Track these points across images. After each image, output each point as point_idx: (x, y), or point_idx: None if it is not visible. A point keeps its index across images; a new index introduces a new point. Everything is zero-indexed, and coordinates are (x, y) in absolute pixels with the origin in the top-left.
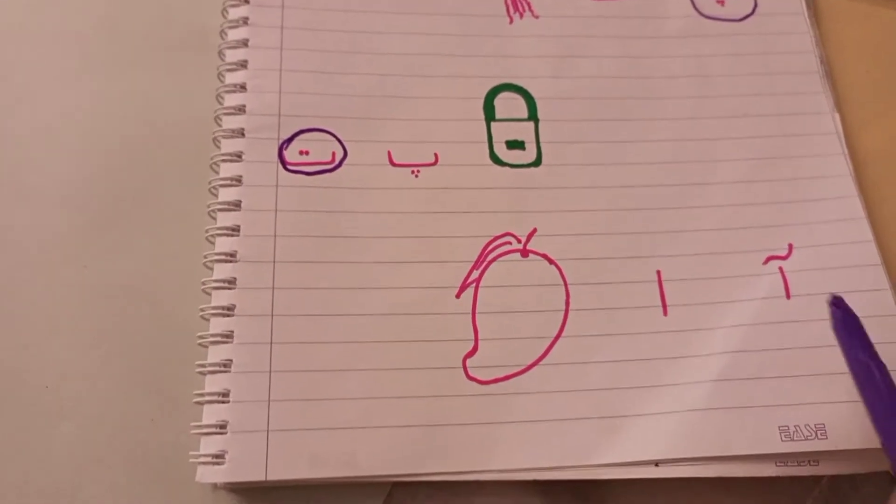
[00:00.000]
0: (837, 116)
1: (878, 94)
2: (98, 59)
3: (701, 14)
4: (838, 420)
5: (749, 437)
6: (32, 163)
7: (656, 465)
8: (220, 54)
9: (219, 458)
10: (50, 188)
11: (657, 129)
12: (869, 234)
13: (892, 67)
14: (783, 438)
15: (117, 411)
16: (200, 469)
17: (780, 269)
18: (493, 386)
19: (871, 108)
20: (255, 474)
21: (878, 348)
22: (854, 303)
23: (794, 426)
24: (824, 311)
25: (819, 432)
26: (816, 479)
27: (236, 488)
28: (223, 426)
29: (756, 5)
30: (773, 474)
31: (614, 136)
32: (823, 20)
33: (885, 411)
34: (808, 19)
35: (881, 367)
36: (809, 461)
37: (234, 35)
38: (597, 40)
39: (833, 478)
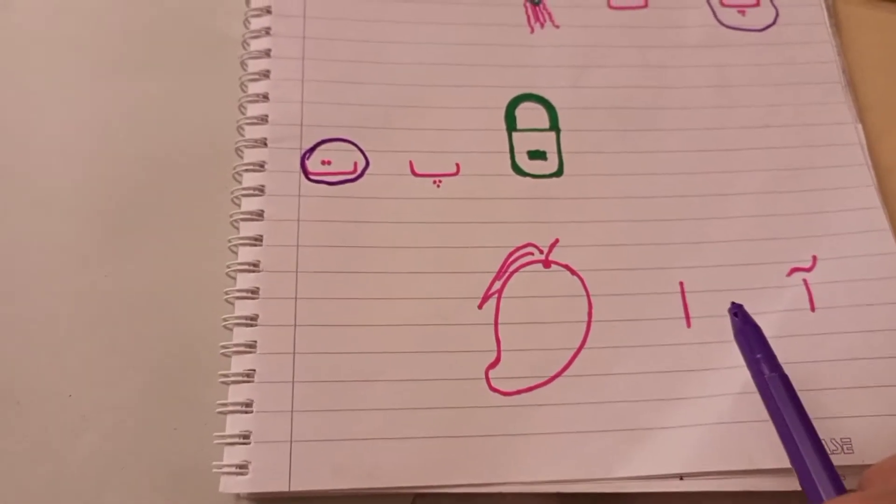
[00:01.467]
0: (860, 127)
1: None
2: (119, 67)
3: (722, 24)
4: (865, 434)
5: (774, 450)
6: (53, 170)
7: (681, 478)
8: (243, 64)
9: (242, 468)
10: (71, 196)
11: (678, 139)
12: (893, 246)
13: None
14: None
15: (140, 420)
16: (224, 479)
17: (805, 280)
18: (515, 397)
19: (893, 117)
20: (278, 485)
21: None
22: (879, 315)
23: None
24: (849, 324)
25: (845, 446)
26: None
27: (259, 499)
28: (246, 436)
29: (777, 15)
30: (798, 489)
31: (636, 147)
32: (844, 29)
33: (785, 425)
34: (829, 28)
35: (783, 378)
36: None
37: (257, 45)
38: (618, 50)
39: None
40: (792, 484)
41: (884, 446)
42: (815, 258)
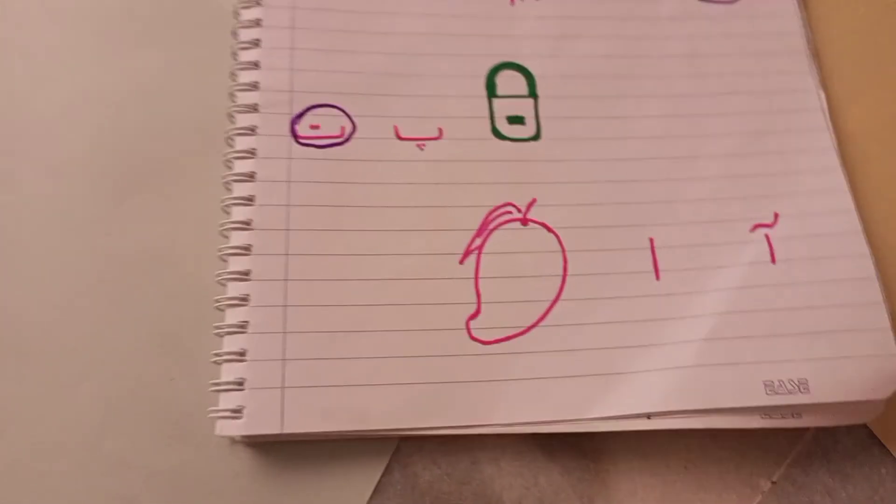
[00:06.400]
0: (823, 94)
1: (862, 73)
2: (117, 39)
3: None
4: (820, 375)
5: (735, 391)
6: (56, 137)
7: (648, 417)
8: (234, 33)
9: (237, 412)
10: (74, 161)
11: (651, 105)
12: (850, 204)
13: (876, 47)
14: (768, 392)
15: (138, 371)
16: (219, 423)
17: (767, 236)
18: (494, 346)
19: (856, 85)
20: (271, 427)
21: (856, 309)
22: (836, 266)
23: (778, 381)
24: (807, 275)
25: (802, 387)
26: (801, 433)
27: (253, 442)
28: (241, 383)
29: None
30: (759, 426)
31: (610, 112)
32: (811, 2)
33: None
34: (796, 1)
35: None
36: (793, 414)
37: (247, 15)
38: (594, 21)
39: (816, 431)
40: (750, 422)
41: (837, 386)
42: (777, 215)
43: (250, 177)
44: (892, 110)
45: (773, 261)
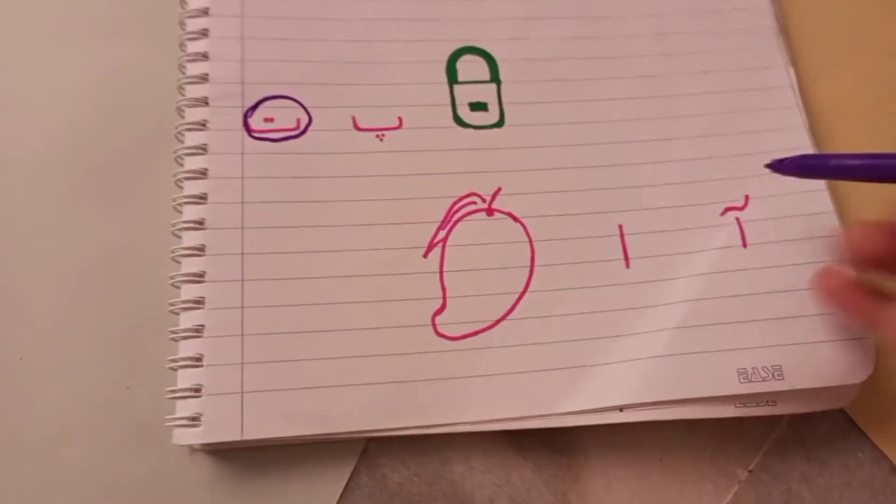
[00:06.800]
0: (792, 70)
1: (832, 50)
2: (71, 34)
3: None
4: (794, 361)
5: (709, 380)
6: (8, 133)
7: (621, 410)
8: (181, 24)
9: (194, 420)
10: (23, 159)
11: (617, 87)
12: (822, 183)
13: (845, 24)
14: (741, 380)
15: (94, 380)
16: (177, 432)
17: (737, 219)
18: (461, 342)
19: (826, 62)
20: (231, 434)
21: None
22: (807, 248)
23: (752, 368)
24: (779, 258)
25: (776, 373)
26: (777, 419)
27: (214, 450)
28: (198, 389)
29: None
30: (733, 415)
31: (575, 96)
32: None
33: None
34: None
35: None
36: (768, 402)
37: (195, 3)
38: (558, 2)
39: (792, 418)
40: (724, 411)
41: (812, 372)
42: (747, 197)
43: (202, 174)
44: (860, 87)
45: (745, 245)
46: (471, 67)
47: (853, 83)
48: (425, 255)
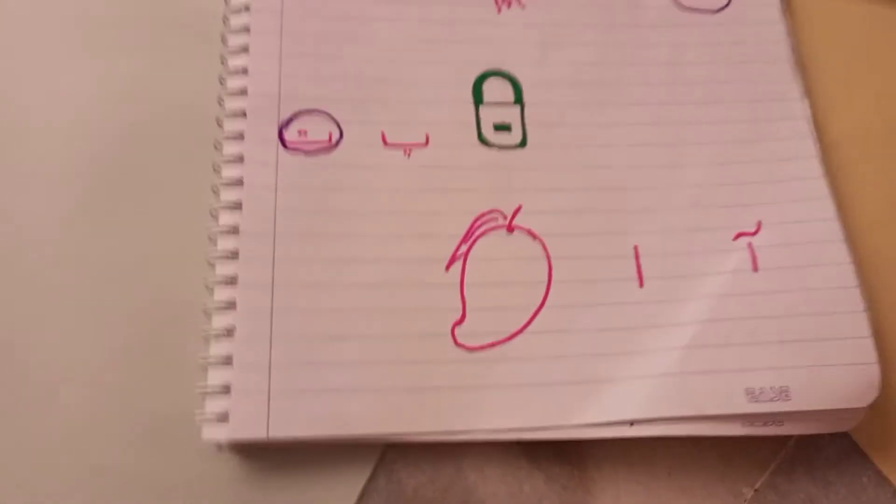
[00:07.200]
0: (807, 102)
1: (847, 82)
2: (103, 42)
3: (679, 6)
4: (801, 383)
5: (717, 398)
6: (39, 142)
7: (631, 424)
8: (223, 39)
9: (223, 417)
10: (59, 165)
11: (636, 113)
12: (833, 213)
13: (860, 57)
14: (749, 400)
15: (125, 378)
16: (206, 427)
17: (749, 244)
18: (479, 353)
19: (841, 94)
20: (257, 432)
21: (838, 317)
22: (818, 274)
23: (760, 388)
24: (789, 283)
25: (783, 394)
26: (784, 441)
27: (239, 447)
28: (227, 388)
29: None
30: (740, 434)
31: (595, 120)
32: (797, 11)
33: None
34: (780, 10)
35: None
36: (775, 422)
37: (237, 21)
38: (580, 29)
39: (799, 440)
40: (731, 429)
41: (818, 394)
42: (759, 223)
43: (238, 182)
44: (875, 119)
45: (756, 269)
46: (496, 90)
47: (868, 115)
48: (447, 268)
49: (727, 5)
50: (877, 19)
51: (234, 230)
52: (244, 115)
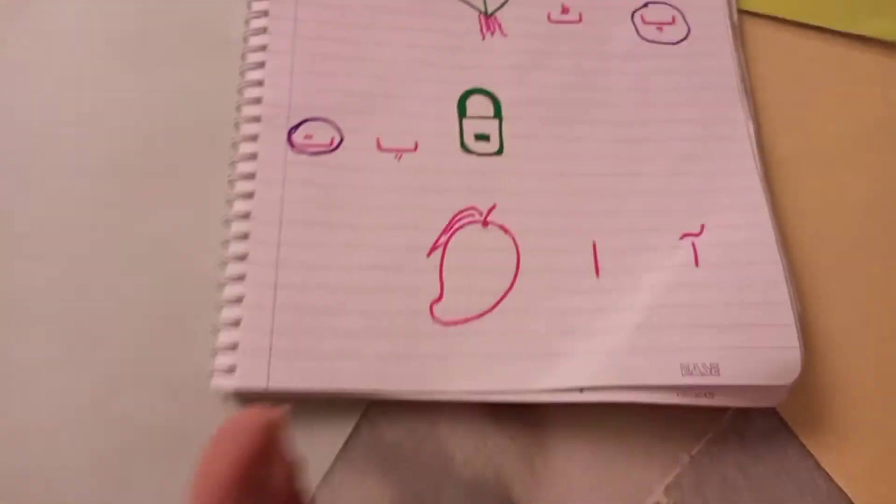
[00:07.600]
0: (751, 124)
1: (795, 106)
2: (137, 59)
3: (643, 38)
4: (730, 362)
5: (656, 371)
6: (82, 142)
7: (581, 391)
8: (243, 56)
9: (230, 370)
10: (98, 163)
11: (601, 130)
12: (767, 219)
13: (806, 84)
14: (683, 374)
15: (144, 340)
16: (215, 379)
17: (693, 243)
18: (453, 327)
19: (789, 117)
20: (258, 382)
21: (766, 307)
22: (751, 271)
23: (693, 364)
24: (724, 277)
25: (714, 370)
26: (720, 414)
27: (242, 397)
28: (234, 346)
29: (689, 31)
30: (676, 402)
31: (565, 134)
32: (749, 44)
33: None
34: (732, 43)
35: None
36: (706, 394)
37: (255, 41)
38: (555, 56)
39: (734, 414)
40: (668, 398)
41: (744, 371)
42: (703, 226)
43: (251, 176)
44: (819, 140)
45: (697, 264)
46: (478, 105)
47: (813, 136)
48: (428, 255)
49: (685, 38)
50: (820, 52)
51: (246, 216)
52: (258, 120)
